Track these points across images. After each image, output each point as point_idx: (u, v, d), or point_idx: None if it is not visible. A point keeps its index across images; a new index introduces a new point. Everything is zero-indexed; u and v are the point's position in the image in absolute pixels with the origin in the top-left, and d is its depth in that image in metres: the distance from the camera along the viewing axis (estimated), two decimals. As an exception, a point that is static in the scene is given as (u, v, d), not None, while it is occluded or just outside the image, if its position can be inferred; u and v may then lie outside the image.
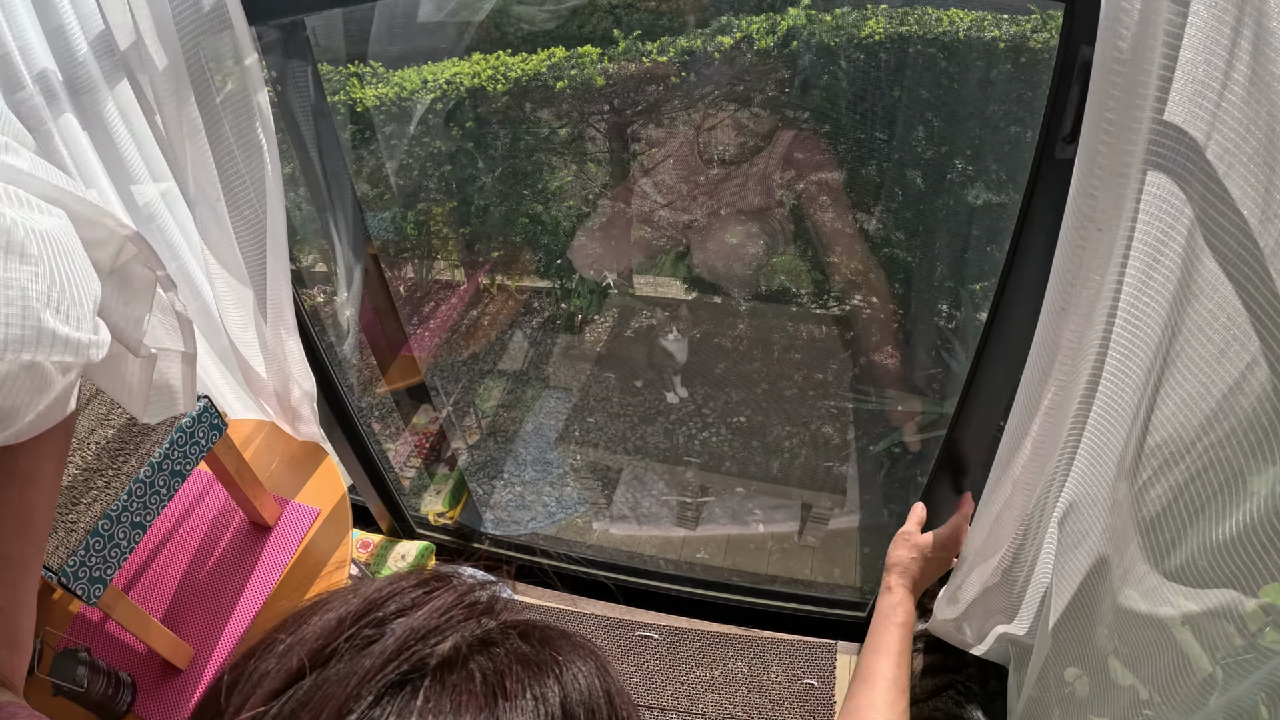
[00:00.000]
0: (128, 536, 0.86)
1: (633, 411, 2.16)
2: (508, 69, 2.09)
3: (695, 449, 2.08)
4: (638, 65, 2.00)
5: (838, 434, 2.04)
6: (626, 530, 1.95)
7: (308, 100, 1.00)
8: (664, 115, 2.02)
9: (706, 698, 1.06)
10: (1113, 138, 0.47)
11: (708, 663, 1.10)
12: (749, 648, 1.11)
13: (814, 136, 1.67)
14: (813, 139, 1.67)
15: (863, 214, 1.93)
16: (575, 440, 2.06)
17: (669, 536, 1.92)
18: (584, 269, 2.02)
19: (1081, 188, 0.50)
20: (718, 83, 1.91)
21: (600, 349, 2.38)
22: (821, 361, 2.16)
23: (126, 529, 0.86)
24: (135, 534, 0.88)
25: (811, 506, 1.70)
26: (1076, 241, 0.52)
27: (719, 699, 1.06)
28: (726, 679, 1.08)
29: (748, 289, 2.02)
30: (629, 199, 2.01)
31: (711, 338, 2.23)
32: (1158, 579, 0.55)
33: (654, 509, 2.00)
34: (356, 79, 2.09)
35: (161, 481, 0.89)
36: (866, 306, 2.12)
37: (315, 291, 1.73)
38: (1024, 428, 0.63)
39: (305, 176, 1.08)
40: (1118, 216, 0.50)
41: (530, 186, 2.31)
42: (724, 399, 2.16)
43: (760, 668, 1.09)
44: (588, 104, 2.11)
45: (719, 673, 1.08)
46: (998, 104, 1.61)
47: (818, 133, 1.70)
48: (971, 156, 1.69)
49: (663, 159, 1.92)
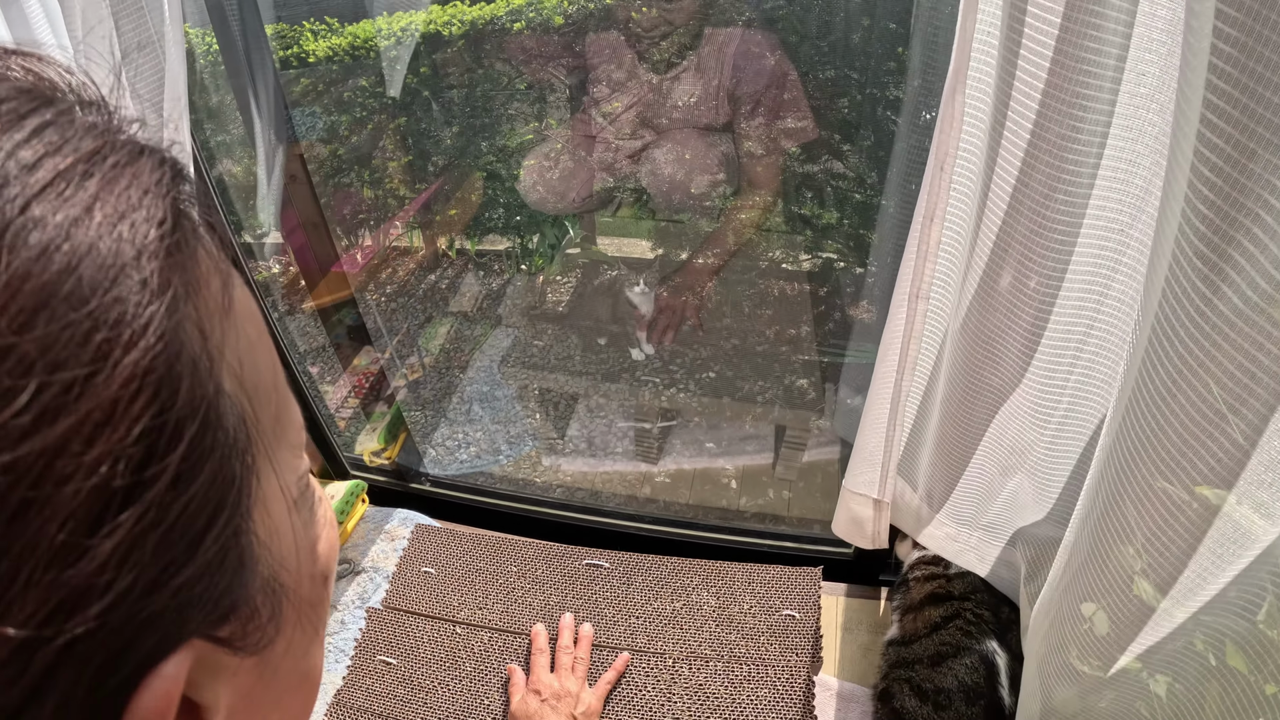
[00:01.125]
0: None
1: (595, 369, 2.05)
2: (463, 15, 2.05)
3: (662, 406, 1.98)
4: (596, 3, 1.91)
5: (812, 387, 1.95)
6: (581, 467, 1.86)
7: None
8: (624, 55, 1.92)
9: (667, 634, 0.93)
10: None
11: (668, 594, 0.97)
12: (717, 577, 0.98)
13: (764, 42, 1.57)
14: (763, 42, 1.57)
15: (831, 157, 1.85)
16: (526, 366, 1.96)
17: (629, 472, 1.83)
18: (540, 203, 1.91)
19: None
20: (681, 14, 1.80)
21: (562, 308, 2.28)
22: (794, 316, 2.07)
23: None
24: None
25: (785, 429, 1.61)
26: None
27: (681, 635, 0.93)
28: (690, 612, 0.95)
29: (705, 216, 1.92)
30: (586, 133, 1.90)
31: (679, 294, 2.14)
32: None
33: (612, 442, 1.91)
34: (311, 34, 2.07)
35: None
36: (839, 259, 2.03)
37: (231, 166, 1.60)
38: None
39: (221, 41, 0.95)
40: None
41: (489, 140, 2.23)
42: (692, 356, 2.06)
43: (730, 599, 0.96)
44: (546, 47, 2.02)
45: (681, 605, 0.95)
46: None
47: (776, 52, 1.60)
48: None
49: (625, 99, 1.82)
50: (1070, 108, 0.52)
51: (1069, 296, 0.63)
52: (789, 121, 1.72)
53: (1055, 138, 0.54)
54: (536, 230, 2.39)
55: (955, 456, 0.81)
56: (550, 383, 1.89)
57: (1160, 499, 0.50)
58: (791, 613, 0.93)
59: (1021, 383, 0.70)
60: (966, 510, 0.85)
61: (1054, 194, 0.57)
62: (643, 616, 0.95)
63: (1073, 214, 0.57)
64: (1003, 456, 0.78)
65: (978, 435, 0.77)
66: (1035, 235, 0.60)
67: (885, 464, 0.89)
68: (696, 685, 0.89)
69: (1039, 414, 0.71)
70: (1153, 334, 0.46)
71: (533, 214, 2.22)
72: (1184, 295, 0.43)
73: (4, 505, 0.15)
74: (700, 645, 0.92)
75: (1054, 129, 0.54)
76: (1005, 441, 0.76)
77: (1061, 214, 0.58)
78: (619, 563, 1.01)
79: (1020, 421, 0.73)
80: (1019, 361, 0.69)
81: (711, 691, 0.88)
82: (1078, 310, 0.63)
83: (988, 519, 0.84)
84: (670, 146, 1.85)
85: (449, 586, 1.03)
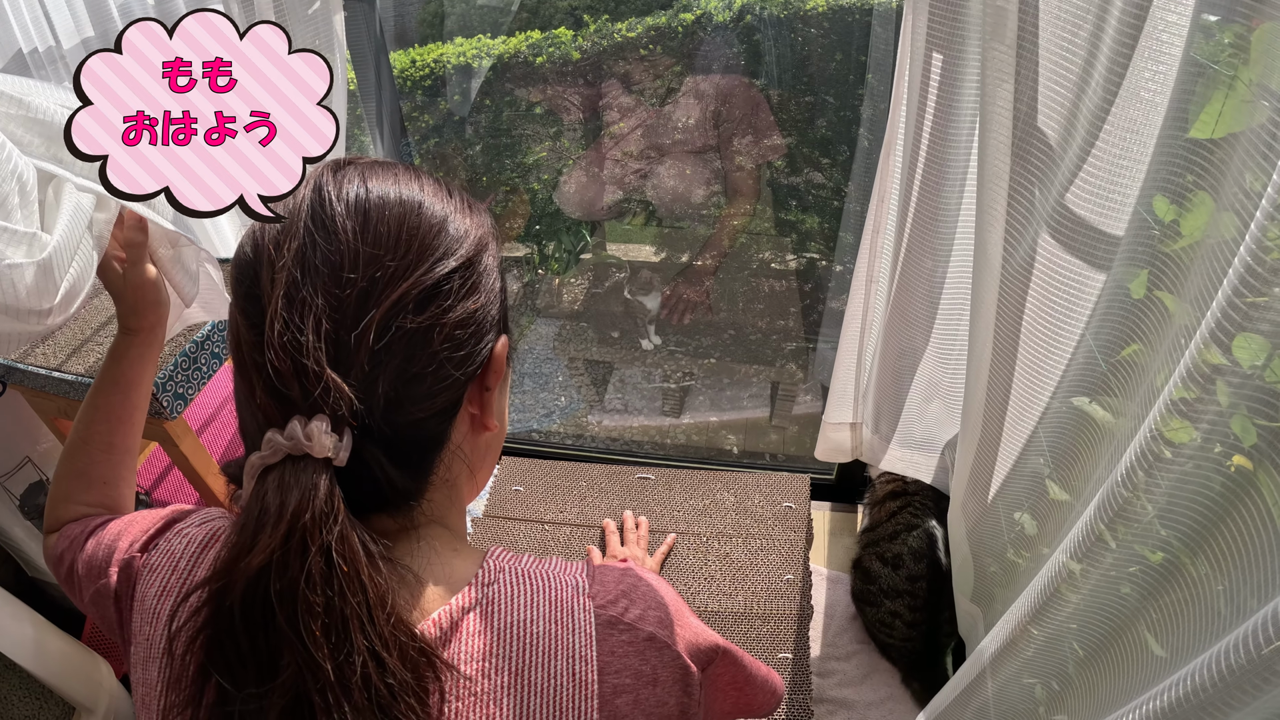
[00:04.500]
0: (208, 364, 1.01)
1: (611, 357, 2.34)
2: (490, 49, 2.30)
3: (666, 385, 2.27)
4: (609, 41, 2.22)
5: (801, 369, 2.25)
6: (617, 422, 2.19)
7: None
8: (633, 85, 2.24)
9: (700, 521, 1.24)
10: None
11: (698, 494, 1.28)
12: (733, 482, 1.30)
13: (746, 86, 1.91)
14: (744, 87, 1.91)
15: (811, 169, 2.17)
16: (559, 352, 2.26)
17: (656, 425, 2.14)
18: (571, 209, 2.22)
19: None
20: (680, 55, 2.14)
21: (577, 306, 2.56)
22: (782, 309, 2.37)
23: (208, 357, 1.01)
24: (213, 364, 1.02)
25: (779, 385, 1.93)
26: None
27: (710, 521, 1.25)
28: (716, 506, 1.27)
29: (703, 223, 2.25)
30: (601, 154, 2.22)
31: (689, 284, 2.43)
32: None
33: (641, 401, 2.23)
34: (348, 62, 2.30)
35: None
36: (821, 258, 2.34)
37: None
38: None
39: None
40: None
41: (511, 158, 2.49)
42: (694, 345, 2.35)
43: (744, 496, 1.28)
44: (565, 78, 2.31)
45: (709, 502, 1.27)
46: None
47: (751, 84, 1.94)
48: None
49: (630, 122, 2.14)
50: (941, 174, 0.86)
51: (952, 275, 0.95)
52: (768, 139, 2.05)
53: (933, 182, 0.87)
54: (554, 238, 2.64)
55: (893, 397, 1.14)
56: (578, 363, 2.19)
57: (1059, 416, 0.77)
58: (789, 504, 1.25)
59: (931, 334, 1.02)
60: (905, 435, 1.17)
61: (938, 216, 0.90)
62: (682, 510, 1.26)
63: (949, 227, 0.90)
64: (923, 389, 1.10)
65: (906, 378, 1.10)
66: (929, 238, 0.92)
67: (856, 397, 1.22)
68: (723, 554, 1.20)
69: (942, 354, 1.04)
70: (1000, 291, 0.78)
71: (551, 223, 2.50)
72: (1012, 279, 0.75)
73: (467, 272, 0.44)
74: (724, 527, 1.23)
75: (932, 180, 0.88)
76: (923, 378, 1.08)
77: (944, 227, 0.91)
78: (661, 475, 1.33)
79: (930, 362, 1.05)
80: (926, 319, 1.01)
81: (734, 559, 1.19)
82: (957, 284, 0.96)
83: (919, 437, 1.16)
84: (671, 163, 2.18)
85: (534, 498, 1.34)
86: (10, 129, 0.59)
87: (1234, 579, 0.50)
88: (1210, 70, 0.51)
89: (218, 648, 0.39)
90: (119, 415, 0.66)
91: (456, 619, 0.44)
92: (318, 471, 0.38)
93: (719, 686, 0.55)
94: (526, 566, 0.48)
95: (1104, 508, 0.58)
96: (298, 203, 0.43)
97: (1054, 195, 0.67)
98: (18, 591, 1.10)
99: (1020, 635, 0.73)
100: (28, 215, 0.59)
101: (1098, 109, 0.62)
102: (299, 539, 0.37)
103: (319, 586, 0.37)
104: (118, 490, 0.66)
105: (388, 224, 0.42)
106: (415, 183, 0.45)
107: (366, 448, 0.41)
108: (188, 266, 0.72)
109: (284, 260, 0.40)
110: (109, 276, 0.66)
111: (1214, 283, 0.49)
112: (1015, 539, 0.88)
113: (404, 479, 0.43)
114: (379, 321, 0.40)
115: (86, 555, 0.55)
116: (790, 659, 1.09)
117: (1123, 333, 0.64)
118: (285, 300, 0.40)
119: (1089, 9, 0.61)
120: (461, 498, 0.50)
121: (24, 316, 0.61)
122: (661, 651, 0.47)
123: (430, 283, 0.42)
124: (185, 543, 0.50)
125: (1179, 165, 0.55)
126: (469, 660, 0.43)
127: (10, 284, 0.58)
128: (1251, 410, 0.47)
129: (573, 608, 0.46)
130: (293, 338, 0.39)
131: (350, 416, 0.39)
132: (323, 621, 0.37)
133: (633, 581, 0.49)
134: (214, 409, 1.27)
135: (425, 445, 0.44)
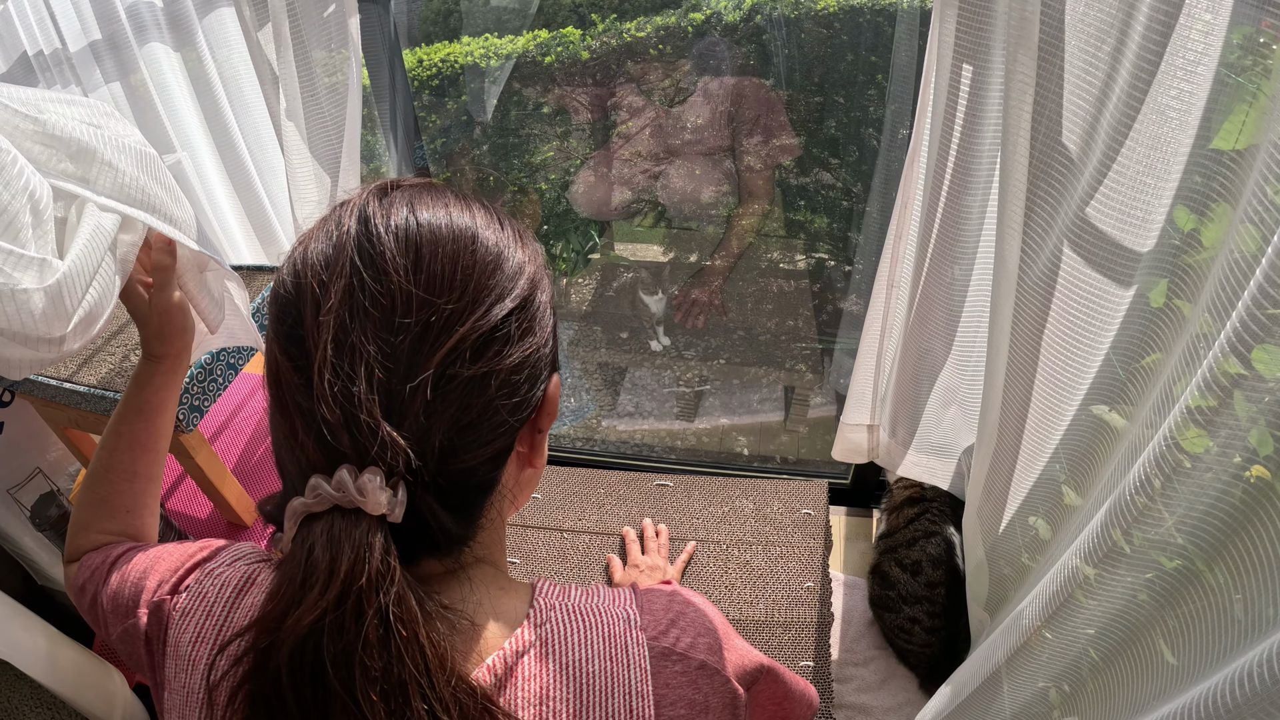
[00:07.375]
0: (223, 375, 1.00)
1: (622, 359, 2.33)
2: (497, 49, 2.29)
3: (680, 389, 2.26)
4: (618, 41, 2.21)
5: (810, 369, 2.24)
6: (630, 426, 2.17)
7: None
8: (643, 84, 2.22)
9: (719, 528, 1.23)
10: None
11: (717, 502, 1.27)
12: (752, 489, 1.29)
13: (759, 86, 1.90)
14: (757, 87, 1.90)
15: (820, 169, 2.15)
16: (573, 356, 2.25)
17: (669, 429, 2.13)
18: (583, 208, 2.21)
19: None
20: (690, 54, 2.12)
21: (586, 307, 2.55)
22: (791, 310, 2.36)
23: (223, 368, 0.99)
24: (229, 374, 1.01)
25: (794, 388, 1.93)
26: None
27: (730, 528, 1.23)
28: (735, 513, 1.25)
29: (712, 223, 2.24)
30: (610, 154, 2.21)
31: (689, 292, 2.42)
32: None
33: (654, 405, 2.21)
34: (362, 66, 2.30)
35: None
36: (830, 258, 2.33)
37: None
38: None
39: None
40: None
41: (519, 157, 2.48)
42: (704, 345, 2.34)
43: (763, 503, 1.26)
44: (574, 77, 2.30)
45: (728, 509, 1.26)
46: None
47: (764, 85, 1.92)
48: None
49: (639, 121, 2.12)
50: (965, 182, 0.85)
51: (975, 284, 0.94)
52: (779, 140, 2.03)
53: (958, 191, 0.86)
54: (563, 238, 2.64)
55: (911, 402, 1.13)
56: (588, 365, 2.18)
57: (1076, 424, 0.76)
58: (808, 511, 1.23)
59: (952, 341, 1.01)
60: (923, 440, 1.16)
61: (962, 225, 0.89)
62: (700, 517, 1.25)
63: (973, 237, 0.90)
64: (941, 395, 1.09)
65: (925, 383, 1.09)
66: (953, 246, 0.91)
67: (873, 400, 1.20)
68: (743, 562, 1.19)
69: (961, 361, 1.03)
70: (1016, 302, 0.77)
71: (560, 223, 2.49)
72: (1030, 290, 0.74)
73: (523, 314, 0.42)
74: (744, 535, 1.22)
75: (957, 189, 0.86)
76: (942, 384, 1.07)
77: (968, 236, 0.90)
78: (679, 482, 1.31)
79: (950, 368, 1.04)
80: (947, 326, 1.00)
81: (755, 566, 1.18)
82: (979, 292, 0.95)
83: (936, 443, 1.15)
84: (681, 164, 2.16)
85: (553, 505, 1.32)
86: (26, 146, 0.58)
87: (1252, 588, 0.50)
88: (1234, 82, 0.51)
89: (263, 705, 0.37)
90: (142, 443, 0.64)
91: (511, 663, 0.43)
92: (372, 529, 0.36)
93: (760, 703, 0.54)
94: (576, 601, 0.47)
95: (1121, 514, 0.58)
96: (343, 234, 0.40)
97: (1074, 207, 0.67)
98: (28, 601, 1.09)
99: (1033, 638, 0.73)
100: (40, 236, 0.57)
101: (1120, 121, 0.61)
102: (354, 601, 0.35)
103: (376, 652, 0.35)
104: (140, 519, 0.64)
105: (441, 263, 0.40)
106: (466, 213, 0.43)
107: (419, 496, 0.39)
108: (213, 292, 0.71)
109: (330, 302, 0.38)
110: (133, 301, 0.64)
111: (1234, 293, 0.48)
112: (1029, 543, 0.88)
113: (456, 524, 0.41)
114: (434, 371, 0.38)
115: (111, 590, 0.54)
116: (812, 666, 1.08)
117: (1142, 341, 0.64)
118: (334, 346, 0.38)
119: (1114, 21, 0.60)
120: (503, 533, 0.50)
121: (34, 344, 0.58)
122: (712, 678, 0.46)
123: (487, 328, 0.40)
124: (219, 585, 0.48)
125: (1201, 175, 0.54)
126: (526, 705, 0.42)
127: (17, 310, 0.56)
128: (1270, 423, 0.47)
129: (626, 643, 0.45)
130: (344, 388, 0.37)
131: (406, 472, 0.38)
132: (381, 687, 0.35)
133: (680, 608, 0.48)
134: (226, 417, 1.26)
135: (477, 490, 0.43)
